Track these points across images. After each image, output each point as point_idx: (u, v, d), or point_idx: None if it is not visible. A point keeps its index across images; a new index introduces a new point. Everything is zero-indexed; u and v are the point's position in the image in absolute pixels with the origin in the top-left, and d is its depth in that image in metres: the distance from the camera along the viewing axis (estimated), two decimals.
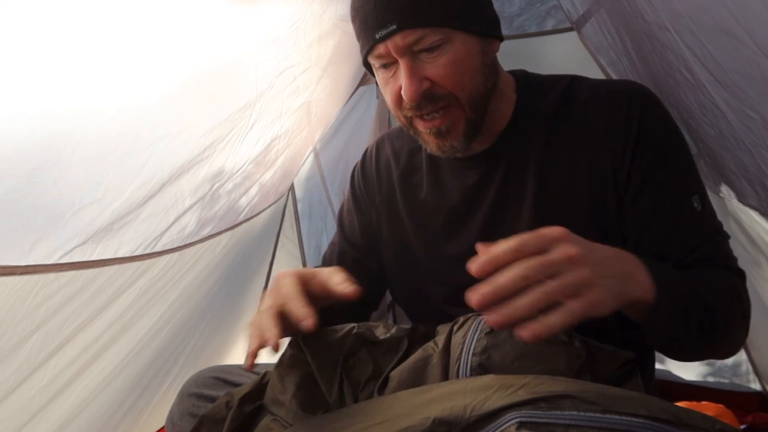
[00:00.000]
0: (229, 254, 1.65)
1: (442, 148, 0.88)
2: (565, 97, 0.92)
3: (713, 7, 0.78)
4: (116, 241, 1.09)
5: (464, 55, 0.83)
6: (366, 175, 1.10)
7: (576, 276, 0.55)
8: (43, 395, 1.09)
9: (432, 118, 0.85)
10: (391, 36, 0.80)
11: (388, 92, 0.86)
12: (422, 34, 0.80)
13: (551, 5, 1.82)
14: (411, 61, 0.81)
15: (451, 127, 0.85)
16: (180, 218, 1.27)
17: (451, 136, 0.86)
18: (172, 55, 1.01)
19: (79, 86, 0.87)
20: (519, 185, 0.91)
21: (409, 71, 0.81)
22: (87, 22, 0.82)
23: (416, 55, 0.82)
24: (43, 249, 0.94)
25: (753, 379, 1.91)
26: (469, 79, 0.84)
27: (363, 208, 1.10)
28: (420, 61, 0.82)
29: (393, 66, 0.84)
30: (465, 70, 0.83)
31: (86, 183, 0.96)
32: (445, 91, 0.83)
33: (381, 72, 0.87)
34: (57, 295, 1.02)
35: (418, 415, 0.56)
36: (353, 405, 0.70)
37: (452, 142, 0.86)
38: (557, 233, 0.58)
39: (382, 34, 0.80)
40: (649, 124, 0.86)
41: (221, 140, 1.28)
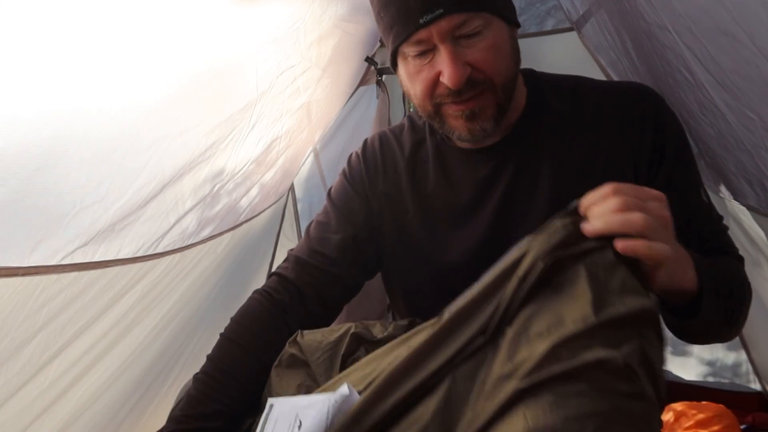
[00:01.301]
0: (230, 255, 1.65)
1: (473, 131, 0.88)
2: (576, 95, 0.94)
3: (713, 7, 0.79)
4: (118, 242, 1.09)
5: (500, 40, 0.85)
6: (368, 162, 1.07)
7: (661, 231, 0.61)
8: (46, 397, 1.09)
9: (465, 101, 0.85)
10: (437, 20, 0.80)
11: (421, 80, 0.86)
12: (466, 18, 0.81)
13: (551, 5, 1.82)
14: (453, 46, 0.82)
15: (482, 109, 0.86)
16: (181, 219, 1.27)
17: (481, 118, 0.87)
18: (173, 56, 1.02)
19: (80, 87, 0.87)
20: (531, 179, 0.92)
21: (453, 56, 0.82)
22: (88, 22, 0.82)
23: (457, 40, 0.82)
24: (45, 250, 0.94)
25: (753, 379, 1.92)
26: (504, 64, 0.86)
27: (362, 196, 1.06)
28: (460, 46, 0.83)
29: (429, 54, 0.84)
30: (501, 55, 0.85)
31: (87, 184, 0.96)
32: (483, 76, 0.84)
33: (413, 61, 0.86)
34: (59, 296, 1.02)
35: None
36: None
37: (483, 125, 0.87)
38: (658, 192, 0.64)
39: (428, 18, 0.80)
40: (663, 124, 0.89)
41: (222, 141, 1.28)
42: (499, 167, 0.94)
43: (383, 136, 1.09)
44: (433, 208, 1.00)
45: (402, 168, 1.03)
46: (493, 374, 0.58)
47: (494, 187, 0.94)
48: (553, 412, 0.51)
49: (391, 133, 1.09)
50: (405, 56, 0.87)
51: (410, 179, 1.02)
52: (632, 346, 0.55)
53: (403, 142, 1.06)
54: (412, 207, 1.01)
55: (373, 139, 1.10)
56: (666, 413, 1.77)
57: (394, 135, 1.08)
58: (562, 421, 0.51)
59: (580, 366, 0.53)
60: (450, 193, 0.98)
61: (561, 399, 0.52)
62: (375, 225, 1.04)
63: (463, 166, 0.98)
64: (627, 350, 0.54)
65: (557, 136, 0.92)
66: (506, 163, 0.94)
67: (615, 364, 0.53)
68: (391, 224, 1.03)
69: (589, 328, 0.55)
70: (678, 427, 1.71)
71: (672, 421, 1.74)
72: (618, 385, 0.53)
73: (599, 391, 0.52)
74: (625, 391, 0.53)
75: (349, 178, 1.08)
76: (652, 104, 0.90)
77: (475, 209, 0.96)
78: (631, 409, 0.53)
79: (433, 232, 0.99)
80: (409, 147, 1.04)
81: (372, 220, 1.04)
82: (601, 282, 0.58)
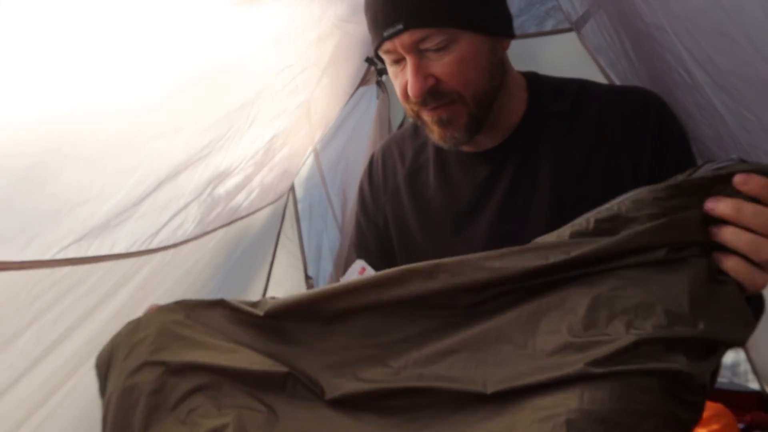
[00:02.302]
0: (226, 252, 1.65)
1: (445, 138, 0.89)
2: (578, 100, 0.94)
3: (710, 9, 0.79)
4: (112, 237, 1.09)
5: (470, 55, 0.84)
6: (373, 179, 1.11)
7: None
8: (40, 391, 1.10)
9: (434, 109, 0.87)
10: (398, 35, 0.82)
11: (398, 85, 0.89)
12: (428, 33, 0.81)
13: (550, 6, 1.82)
14: (417, 58, 0.83)
15: (453, 118, 0.87)
16: (177, 216, 1.27)
17: (453, 126, 0.88)
18: (170, 55, 1.02)
19: (76, 85, 0.87)
20: (529, 183, 0.92)
21: (415, 68, 0.83)
22: (84, 20, 0.82)
23: (423, 53, 0.83)
24: (39, 245, 0.94)
25: (752, 378, 1.92)
26: (475, 78, 0.85)
27: (371, 216, 1.10)
28: (426, 58, 0.83)
29: (402, 61, 0.86)
30: (470, 69, 0.85)
31: (82, 180, 0.96)
32: (450, 88, 0.85)
33: (390, 66, 0.90)
34: (52, 290, 1.02)
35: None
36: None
37: (454, 133, 0.88)
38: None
39: (390, 32, 0.82)
40: (666, 129, 0.89)
41: (219, 139, 1.28)
42: (498, 171, 0.94)
43: (386, 147, 1.12)
44: (433, 213, 1.00)
45: (402, 176, 1.05)
46: (562, 331, 0.58)
47: (493, 190, 0.94)
48: (613, 402, 0.51)
49: (394, 142, 1.11)
50: (385, 60, 0.91)
51: (410, 186, 1.04)
52: (709, 366, 0.55)
53: (405, 148, 1.08)
54: (411, 213, 1.03)
55: (377, 154, 1.13)
56: None
57: (397, 143, 1.10)
58: (617, 412, 0.51)
59: (657, 369, 0.53)
60: (450, 197, 0.99)
61: (625, 391, 0.52)
62: (384, 238, 1.08)
63: (462, 170, 0.98)
64: (703, 368, 0.54)
65: (557, 141, 0.92)
66: (505, 167, 0.94)
67: (694, 378, 0.53)
68: (396, 233, 1.05)
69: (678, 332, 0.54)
70: None
71: None
72: (684, 395, 0.53)
73: (665, 394, 0.52)
74: (687, 400, 0.53)
75: (359, 200, 1.13)
76: (654, 109, 0.90)
77: (474, 213, 0.96)
78: (682, 416, 0.53)
79: (434, 236, 1.00)
80: (410, 153, 1.06)
81: (380, 235, 1.08)
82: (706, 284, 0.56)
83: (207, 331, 0.70)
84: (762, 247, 0.55)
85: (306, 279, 2.22)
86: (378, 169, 1.10)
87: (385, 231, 1.08)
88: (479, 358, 0.60)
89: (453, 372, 0.61)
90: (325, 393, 0.64)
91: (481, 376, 0.59)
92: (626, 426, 0.50)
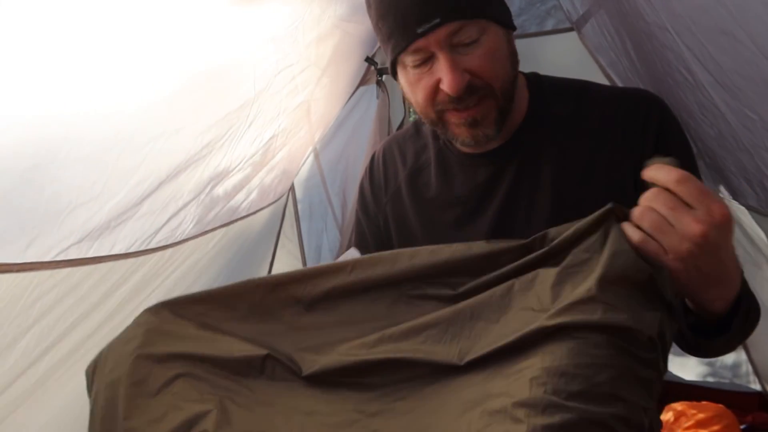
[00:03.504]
0: (226, 252, 1.65)
1: (476, 138, 0.88)
2: (580, 101, 0.94)
3: (713, 7, 0.78)
4: (112, 238, 1.09)
5: (497, 45, 0.85)
6: (374, 179, 1.10)
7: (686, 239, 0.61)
8: (40, 392, 1.09)
9: (466, 108, 0.85)
10: (434, 30, 0.80)
11: (421, 88, 0.86)
12: (462, 25, 0.81)
13: (551, 5, 1.82)
14: (451, 54, 0.82)
15: (484, 117, 0.86)
16: (176, 216, 1.27)
17: (484, 125, 0.87)
18: (170, 54, 1.01)
19: (76, 84, 0.87)
20: (532, 183, 0.92)
21: (452, 64, 0.82)
22: (83, 20, 0.82)
23: (454, 48, 0.82)
24: (40, 246, 0.94)
25: (753, 379, 1.92)
26: (501, 69, 0.86)
27: (371, 215, 1.10)
28: (458, 53, 0.83)
29: (428, 62, 0.84)
30: (498, 60, 0.85)
31: (83, 181, 0.96)
32: (483, 82, 0.84)
33: (412, 70, 0.86)
34: (52, 291, 1.02)
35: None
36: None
37: (485, 131, 0.88)
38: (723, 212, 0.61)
39: (425, 28, 0.80)
40: (667, 131, 0.89)
41: (219, 139, 1.28)
42: (500, 172, 0.94)
43: (387, 147, 1.11)
44: (435, 213, 1.00)
45: (403, 177, 1.05)
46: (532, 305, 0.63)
47: (495, 191, 0.94)
48: (569, 358, 0.55)
49: (395, 142, 1.11)
50: (404, 65, 0.88)
51: (411, 186, 1.04)
52: (656, 318, 0.59)
53: (406, 149, 1.08)
54: (413, 213, 1.03)
55: (378, 153, 1.12)
56: (666, 413, 1.77)
57: (398, 143, 1.10)
58: (575, 365, 0.55)
59: (607, 324, 0.57)
60: (452, 198, 0.99)
61: (580, 348, 0.56)
62: (384, 238, 1.08)
63: (464, 171, 0.98)
64: (650, 320, 0.58)
65: (558, 141, 0.92)
66: (507, 168, 0.94)
67: (641, 333, 0.57)
68: (396, 233, 1.06)
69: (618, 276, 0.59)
70: (678, 426, 1.71)
71: (672, 420, 1.74)
72: (637, 351, 0.57)
73: (618, 348, 0.56)
74: (642, 356, 0.57)
75: (359, 199, 1.13)
76: (655, 111, 0.90)
77: (476, 213, 0.96)
78: (640, 373, 0.57)
79: (435, 236, 1.00)
80: (411, 154, 1.06)
81: (380, 235, 1.08)
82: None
83: (190, 324, 0.72)
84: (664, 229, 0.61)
85: None
86: (379, 169, 1.10)
87: (385, 231, 1.08)
88: (454, 332, 0.65)
89: (428, 346, 0.64)
90: (303, 370, 0.67)
91: (456, 349, 0.63)
92: (584, 377, 0.54)
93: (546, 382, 0.54)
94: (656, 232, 0.62)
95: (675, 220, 0.61)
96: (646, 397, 0.57)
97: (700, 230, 0.60)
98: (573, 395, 0.53)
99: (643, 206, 0.64)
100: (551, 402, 0.53)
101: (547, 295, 0.62)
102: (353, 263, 0.73)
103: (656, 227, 0.62)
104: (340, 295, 0.72)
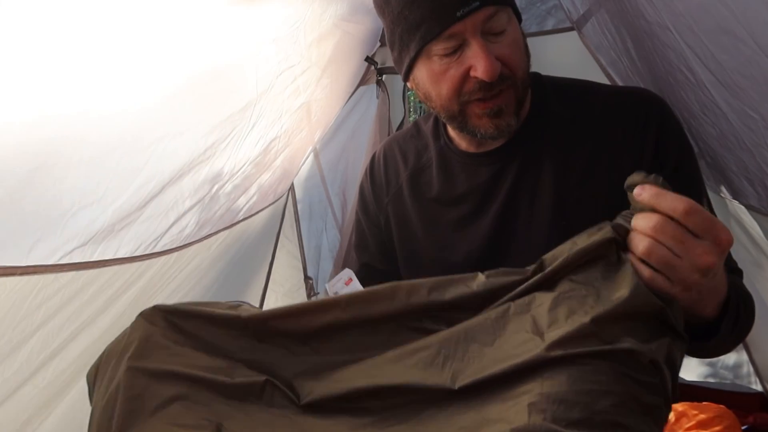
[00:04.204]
0: (226, 253, 1.65)
1: (500, 127, 0.88)
2: (581, 101, 0.94)
3: (714, 6, 0.78)
4: (116, 242, 1.09)
5: (518, 36, 0.87)
6: (374, 179, 1.10)
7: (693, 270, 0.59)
8: (44, 397, 1.09)
9: (493, 98, 0.86)
10: (473, 12, 0.80)
11: (448, 78, 0.86)
12: (496, 10, 0.82)
13: (551, 5, 1.82)
14: (484, 41, 0.82)
15: (506, 106, 0.87)
16: (180, 219, 1.26)
17: (506, 114, 0.87)
18: (172, 56, 1.01)
19: (79, 87, 0.86)
20: (533, 182, 0.92)
21: (486, 50, 0.82)
22: (86, 22, 0.82)
23: (485, 36, 0.83)
24: (43, 249, 0.94)
25: (754, 380, 1.92)
26: (522, 59, 0.87)
27: (372, 215, 1.10)
28: (489, 42, 0.83)
29: (457, 51, 0.84)
30: (519, 50, 0.87)
31: (86, 184, 0.96)
32: (509, 71, 0.85)
33: (439, 60, 0.86)
34: (57, 295, 1.01)
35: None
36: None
37: (508, 120, 0.88)
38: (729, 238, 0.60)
39: (465, 11, 0.80)
40: (667, 131, 0.89)
41: (222, 141, 1.27)
42: (501, 171, 0.94)
43: (388, 147, 1.11)
44: (436, 213, 1.00)
45: (404, 177, 1.05)
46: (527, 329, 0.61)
47: (497, 190, 0.94)
48: (569, 384, 0.54)
49: (396, 142, 1.11)
50: (430, 56, 0.86)
51: (412, 186, 1.04)
52: (662, 344, 0.58)
53: (407, 149, 1.08)
54: (414, 213, 1.03)
55: (379, 153, 1.13)
56: None
57: (399, 143, 1.10)
58: (575, 392, 0.54)
59: (609, 351, 0.56)
60: (453, 197, 0.99)
61: (581, 374, 0.55)
62: (385, 238, 1.08)
63: (465, 170, 0.98)
64: (656, 346, 0.57)
65: (559, 141, 0.92)
66: (509, 167, 0.94)
67: (643, 356, 0.56)
68: (398, 233, 1.06)
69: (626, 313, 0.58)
70: (679, 427, 1.71)
71: (673, 421, 1.74)
72: (639, 375, 0.56)
73: (620, 374, 0.55)
74: (645, 381, 0.56)
75: (360, 200, 1.13)
76: (656, 109, 0.90)
77: (478, 212, 0.96)
78: (644, 398, 0.55)
79: (437, 235, 1.00)
80: (413, 154, 1.06)
81: (381, 235, 1.09)
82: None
83: (188, 341, 0.70)
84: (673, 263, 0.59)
85: (305, 279, 2.21)
86: (380, 170, 1.10)
87: (386, 231, 1.08)
88: (446, 354, 0.64)
89: (419, 370, 0.63)
90: (301, 396, 0.66)
91: (448, 373, 0.62)
92: (584, 405, 0.53)
93: (545, 409, 0.53)
94: (665, 268, 0.60)
95: (684, 253, 0.59)
96: (650, 423, 0.56)
97: (710, 262, 0.59)
98: (573, 423, 0.52)
99: (650, 240, 0.60)
100: (550, 430, 0.52)
101: (543, 319, 0.61)
102: (347, 300, 0.70)
103: (665, 263, 0.59)
104: (335, 330, 0.70)
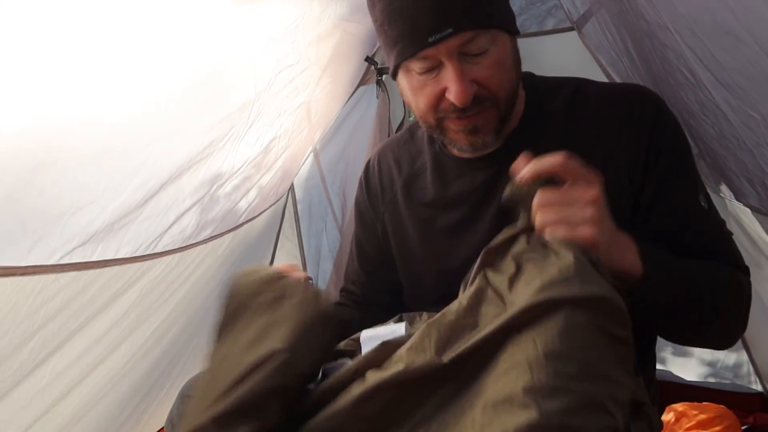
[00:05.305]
0: (231, 256, 1.65)
1: (474, 144, 0.88)
2: (574, 99, 0.93)
3: (715, 7, 0.78)
4: (116, 241, 1.09)
5: (504, 55, 0.83)
6: (370, 188, 1.10)
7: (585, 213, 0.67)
8: (45, 396, 1.09)
9: (468, 117, 0.84)
10: (446, 39, 0.78)
11: (425, 95, 0.84)
12: (474, 35, 0.79)
13: (552, 5, 1.82)
14: (460, 63, 0.80)
15: (484, 124, 0.85)
16: (180, 219, 1.26)
17: (482, 132, 0.86)
18: (170, 55, 1.01)
19: (77, 86, 0.86)
20: None
21: (460, 74, 0.80)
22: (85, 21, 0.82)
23: (463, 57, 0.80)
24: (43, 250, 0.94)
25: (754, 380, 1.91)
26: (507, 78, 0.84)
27: (369, 224, 1.09)
28: (467, 63, 0.81)
29: (434, 70, 0.82)
30: (504, 70, 0.84)
31: (85, 183, 0.96)
32: (488, 92, 0.82)
33: (417, 76, 0.85)
34: (58, 296, 1.01)
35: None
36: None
37: (485, 138, 0.87)
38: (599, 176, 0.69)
39: (437, 37, 0.78)
40: (661, 126, 0.88)
41: (220, 139, 1.27)
42: (497, 175, 0.93)
43: (382, 154, 1.10)
44: (431, 219, 1.00)
45: (399, 184, 1.04)
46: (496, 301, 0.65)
47: (493, 194, 0.94)
48: (560, 340, 0.56)
49: (389, 148, 1.10)
50: (408, 70, 0.86)
51: (407, 193, 1.03)
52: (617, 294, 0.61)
53: (401, 156, 1.07)
54: (409, 220, 1.02)
55: (373, 160, 1.12)
56: (667, 414, 1.77)
57: (392, 150, 1.09)
58: (568, 347, 0.55)
59: (584, 297, 0.58)
60: (449, 202, 0.98)
61: (568, 328, 0.57)
62: (383, 247, 1.08)
63: (461, 175, 0.97)
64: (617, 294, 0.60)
65: (554, 142, 0.90)
66: (504, 171, 0.92)
67: (612, 304, 0.58)
68: (394, 240, 1.05)
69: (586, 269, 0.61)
70: (679, 427, 1.71)
71: (673, 421, 1.73)
72: (613, 328, 0.58)
73: (599, 329, 0.57)
74: (618, 335, 0.58)
75: (356, 212, 1.13)
76: (649, 103, 0.89)
77: (474, 217, 0.95)
78: (619, 351, 0.58)
79: (434, 240, 0.99)
80: (406, 160, 1.05)
81: (379, 244, 1.08)
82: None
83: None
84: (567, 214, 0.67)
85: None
86: (375, 178, 1.09)
87: (383, 239, 1.07)
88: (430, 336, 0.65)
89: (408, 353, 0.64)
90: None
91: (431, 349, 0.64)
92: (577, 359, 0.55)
93: (546, 366, 0.54)
94: (564, 220, 0.66)
95: (570, 201, 0.67)
96: (626, 374, 0.59)
97: (593, 194, 0.67)
98: (572, 377, 0.54)
99: (541, 211, 0.68)
100: (556, 386, 0.53)
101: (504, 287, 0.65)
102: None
103: (561, 217, 0.66)
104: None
